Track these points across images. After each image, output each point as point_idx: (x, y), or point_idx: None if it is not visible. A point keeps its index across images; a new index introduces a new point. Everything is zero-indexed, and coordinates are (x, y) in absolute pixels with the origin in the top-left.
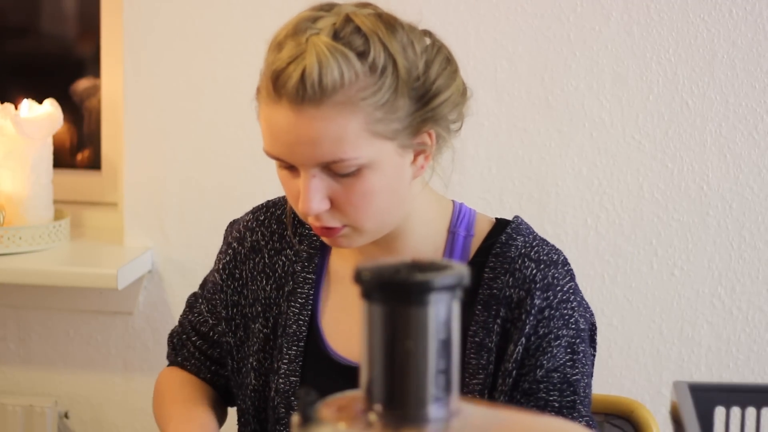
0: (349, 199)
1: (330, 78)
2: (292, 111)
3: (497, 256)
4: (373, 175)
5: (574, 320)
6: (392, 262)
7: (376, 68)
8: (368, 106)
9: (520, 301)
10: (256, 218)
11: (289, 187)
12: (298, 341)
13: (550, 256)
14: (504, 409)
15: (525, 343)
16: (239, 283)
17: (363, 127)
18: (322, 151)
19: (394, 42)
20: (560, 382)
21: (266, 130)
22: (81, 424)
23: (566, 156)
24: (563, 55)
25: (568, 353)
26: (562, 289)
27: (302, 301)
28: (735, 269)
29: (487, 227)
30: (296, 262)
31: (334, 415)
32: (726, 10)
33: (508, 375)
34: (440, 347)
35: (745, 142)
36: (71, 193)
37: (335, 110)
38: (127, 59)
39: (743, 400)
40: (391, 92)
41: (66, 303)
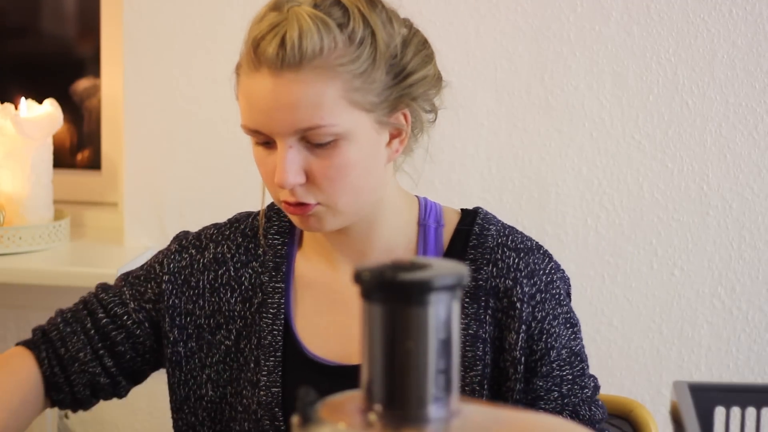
0: (324, 171)
1: (310, 43)
2: (272, 77)
3: (475, 247)
4: (349, 148)
5: (562, 296)
6: (392, 262)
7: (354, 38)
8: (346, 73)
9: (508, 290)
10: (221, 232)
11: (264, 164)
12: (275, 351)
13: (525, 243)
14: (504, 409)
15: (526, 329)
16: (195, 292)
17: (341, 94)
18: (301, 117)
19: (373, 16)
20: (568, 356)
21: (245, 102)
22: (81, 424)
23: (566, 156)
24: (563, 55)
25: (567, 328)
26: (545, 272)
27: (274, 311)
28: (735, 269)
29: (455, 217)
30: (263, 273)
31: (334, 415)
32: (726, 10)
33: (518, 363)
34: (440, 347)
35: (745, 142)
36: (71, 193)
37: (314, 75)
38: (127, 59)
39: (743, 400)
40: (369, 63)
41: (66, 303)
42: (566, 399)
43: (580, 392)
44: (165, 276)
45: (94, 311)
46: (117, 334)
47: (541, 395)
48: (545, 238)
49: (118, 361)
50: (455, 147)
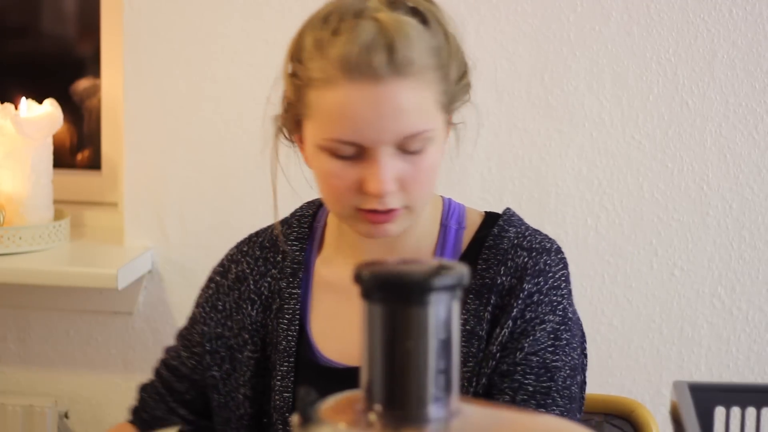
0: (416, 176)
1: (413, 49)
2: (375, 86)
3: (490, 248)
4: (434, 150)
5: (562, 307)
6: (392, 262)
7: (437, 39)
8: (436, 78)
9: (512, 288)
10: (240, 250)
11: (342, 177)
12: (288, 356)
13: (543, 244)
14: (504, 409)
15: (511, 326)
16: (222, 315)
17: (435, 98)
18: (407, 123)
19: (439, 12)
20: (538, 367)
21: (333, 115)
22: (81, 424)
23: (566, 156)
24: (563, 55)
25: (551, 339)
26: (554, 275)
27: (289, 317)
28: (735, 269)
29: (478, 220)
30: (281, 280)
31: (334, 415)
32: (726, 10)
33: (492, 357)
34: (440, 347)
35: (745, 142)
36: (71, 193)
37: (417, 81)
38: (127, 59)
39: (743, 400)
40: (447, 62)
41: (66, 303)
42: None
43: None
44: (197, 310)
45: (160, 372)
46: (180, 385)
47: (494, 394)
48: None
49: (191, 408)
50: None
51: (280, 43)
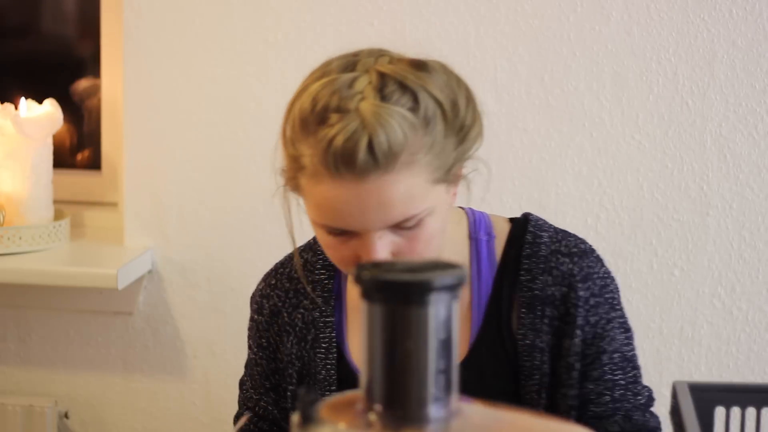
0: (412, 248)
1: (396, 141)
2: (359, 182)
3: (529, 257)
4: (432, 220)
5: (617, 301)
6: (392, 263)
7: (427, 118)
8: (427, 156)
9: (564, 296)
10: (268, 284)
11: (337, 250)
12: (329, 386)
13: (579, 247)
14: (504, 410)
15: (581, 335)
16: (270, 350)
17: (426, 179)
18: (394, 214)
19: (433, 87)
20: (621, 361)
21: (320, 205)
22: (81, 424)
23: (566, 156)
24: (563, 55)
25: (622, 332)
26: (599, 275)
27: (326, 346)
28: (735, 269)
29: (506, 227)
30: (314, 310)
31: (334, 415)
32: (726, 10)
33: (571, 368)
34: (440, 347)
35: (745, 142)
36: (71, 193)
37: (403, 171)
38: (127, 59)
39: (743, 400)
40: (441, 137)
41: (66, 303)
42: (618, 404)
43: (633, 398)
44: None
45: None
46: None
47: (592, 398)
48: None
49: None
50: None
51: (280, 43)
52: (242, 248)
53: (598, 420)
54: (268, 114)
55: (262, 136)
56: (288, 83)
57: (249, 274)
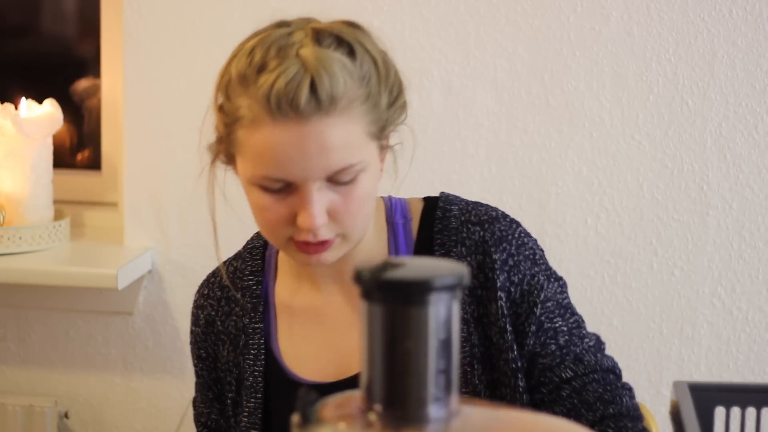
0: (347, 207)
1: (337, 85)
2: (300, 125)
3: (441, 231)
4: (366, 178)
5: (539, 256)
6: (391, 262)
7: (363, 70)
8: (364, 109)
9: (480, 264)
10: (201, 294)
11: (272, 210)
12: (255, 392)
13: (490, 214)
14: (504, 410)
15: (506, 296)
16: (209, 361)
17: (364, 129)
18: (334, 159)
19: (367, 41)
20: (556, 308)
21: (260, 154)
22: (81, 424)
23: (566, 156)
24: (563, 55)
25: (551, 283)
26: (513, 236)
27: (254, 352)
28: (735, 269)
29: (420, 207)
30: (243, 316)
31: (334, 415)
32: (726, 10)
33: (503, 331)
34: (440, 347)
35: (745, 142)
36: (71, 193)
37: (343, 116)
38: (127, 59)
39: (743, 400)
40: (376, 91)
41: (66, 303)
42: (565, 349)
43: (579, 342)
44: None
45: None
46: None
47: (538, 351)
48: (545, 238)
49: None
50: (455, 147)
51: None
52: None
53: (550, 370)
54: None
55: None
56: None
57: None
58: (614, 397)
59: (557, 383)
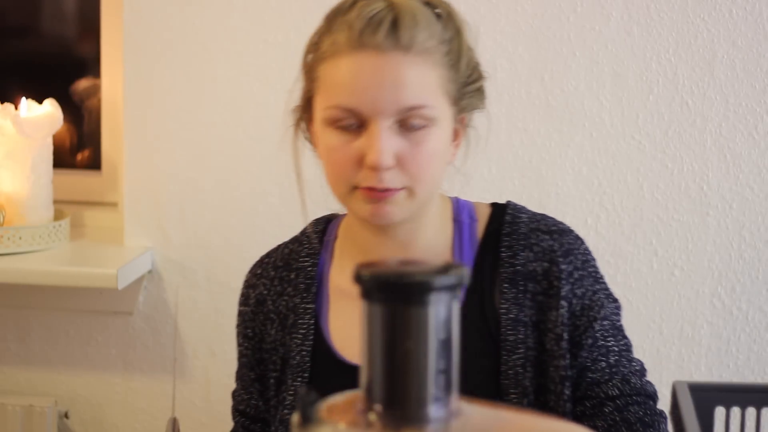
0: (414, 156)
1: (419, 26)
2: (381, 55)
3: (509, 234)
4: (437, 135)
5: (600, 275)
6: (392, 262)
7: (445, 34)
8: (442, 63)
9: (546, 271)
10: (254, 274)
11: (342, 151)
12: (302, 372)
13: (558, 226)
14: (504, 410)
15: (567, 307)
16: (255, 340)
17: (439, 82)
18: (407, 94)
19: (457, 20)
20: (611, 329)
21: (343, 82)
22: (81, 424)
23: (566, 156)
24: (563, 55)
25: (610, 302)
26: (580, 251)
27: (303, 332)
28: (735, 269)
29: (487, 211)
30: (295, 296)
31: (334, 415)
32: (726, 10)
33: (559, 339)
34: (440, 347)
35: (745, 142)
36: (71, 193)
37: (419, 58)
38: (127, 59)
39: (743, 400)
40: (456, 58)
41: (66, 303)
42: (614, 368)
43: (628, 365)
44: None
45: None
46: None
47: (588, 365)
48: None
49: None
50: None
51: (280, 43)
52: (242, 248)
53: (597, 385)
54: (268, 114)
55: (262, 136)
56: (288, 83)
57: None
58: (653, 421)
59: (602, 399)
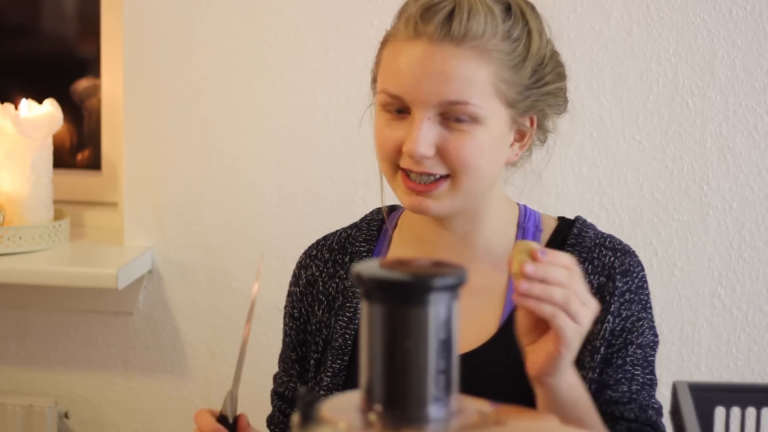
0: (456, 148)
1: (475, 23)
2: (431, 45)
3: (573, 246)
4: (483, 132)
5: (650, 306)
6: (393, 263)
7: (512, 33)
8: (499, 62)
9: (601, 286)
10: (308, 254)
11: (387, 133)
12: (342, 355)
13: (623, 246)
14: (504, 409)
15: (612, 323)
16: (300, 321)
17: (490, 80)
18: (451, 89)
19: (532, 19)
20: (643, 360)
21: (394, 67)
22: (81, 424)
23: (566, 156)
24: (563, 55)
25: (650, 334)
26: (638, 275)
27: (350, 315)
28: (735, 269)
29: (554, 223)
30: (346, 279)
31: (334, 415)
32: (726, 10)
33: (596, 352)
34: (440, 347)
35: (745, 142)
36: (71, 193)
37: (472, 53)
38: (127, 59)
39: (743, 400)
40: (520, 59)
41: (66, 303)
42: (634, 395)
43: (647, 398)
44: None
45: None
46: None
47: (610, 384)
48: None
49: None
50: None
51: (280, 43)
52: (242, 248)
53: (615, 404)
54: (268, 114)
55: (262, 136)
56: (288, 83)
57: (249, 274)
58: None
59: (617, 418)
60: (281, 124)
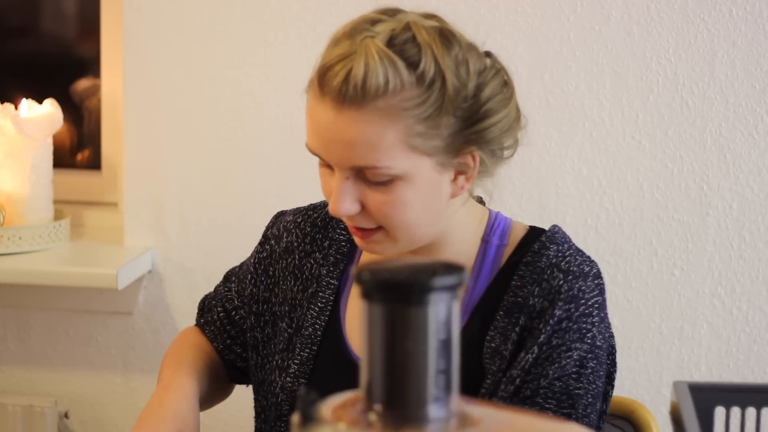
0: (379, 207)
1: (374, 82)
2: (333, 109)
3: (527, 264)
4: (405, 188)
5: (591, 335)
6: (393, 263)
7: (423, 81)
8: (410, 117)
9: (542, 311)
10: (294, 220)
11: (326, 183)
12: (311, 344)
13: (581, 267)
14: (505, 410)
15: (536, 353)
16: (272, 281)
17: (401, 139)
18: (356, 155)
19: (447, 58)
20: (560, 392)
21: (309, 125)
22: (81, 424)
23: (566, 156)
24: (563, 55)
25: (576, 366)
26: (586, 302)
27: (321, 305)
28: (735, 269)
29: (521, 234)
30: (322, 266)
31: (334, 415)
32: (726, 10)
33: (510, 382)
34: (440, 347)
35: (745, 142)
36: (71, 193)
37: (375, 116)
38: (127, 59)
39: (743, 400)
40: (435, 108)
41: (66, 303)
42: None
43: None
44: (252, 267)
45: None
46: (231, 329)
47: None
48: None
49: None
50: None
51: (280, 43)
52: (242, 248)
53: None
54: (268, 114)
55: (262, 136)
56: (288, 83)
57: None
58: None
59: None
60: (281, 124)
